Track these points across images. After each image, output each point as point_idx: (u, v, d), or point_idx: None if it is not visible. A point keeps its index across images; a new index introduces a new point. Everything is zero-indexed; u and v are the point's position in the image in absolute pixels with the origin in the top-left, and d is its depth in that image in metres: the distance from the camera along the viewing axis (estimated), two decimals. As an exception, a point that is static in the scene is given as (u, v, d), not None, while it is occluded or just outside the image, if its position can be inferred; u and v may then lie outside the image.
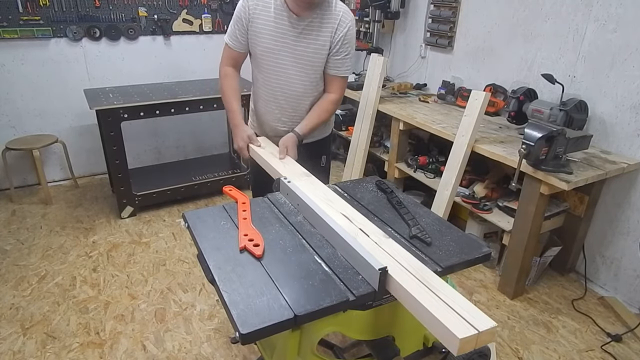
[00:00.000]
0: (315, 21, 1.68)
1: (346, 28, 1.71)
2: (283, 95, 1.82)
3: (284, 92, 1.81)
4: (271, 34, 1.70)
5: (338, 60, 1.76)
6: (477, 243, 1.30)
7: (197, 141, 4.13)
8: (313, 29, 1.69)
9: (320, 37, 1.70)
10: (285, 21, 1.68)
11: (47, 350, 2.01)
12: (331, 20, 1.70)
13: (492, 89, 2.86)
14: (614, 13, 2.25)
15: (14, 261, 2.64)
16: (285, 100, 1.83)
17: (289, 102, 1.83)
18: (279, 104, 1.84)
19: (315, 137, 1.95)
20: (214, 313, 2.26)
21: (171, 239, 2.92)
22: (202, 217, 1.37)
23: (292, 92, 1.80)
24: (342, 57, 1.76)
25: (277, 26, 1.69)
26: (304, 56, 1.73)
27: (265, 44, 1.72)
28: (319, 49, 1.72)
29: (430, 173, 2.99)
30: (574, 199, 2.44)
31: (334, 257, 1.18)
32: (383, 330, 1.22)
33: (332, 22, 1.70)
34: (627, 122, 2.28)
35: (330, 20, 1.69)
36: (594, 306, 2.39)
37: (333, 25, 1.70)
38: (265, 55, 1.75)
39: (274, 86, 1.81)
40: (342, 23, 1.70)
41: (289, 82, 1.78)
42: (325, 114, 1.84)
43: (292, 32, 1.69)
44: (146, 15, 3.53)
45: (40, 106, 3.45)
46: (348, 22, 1.71)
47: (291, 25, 1.68)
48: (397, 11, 3.46)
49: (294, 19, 1.67)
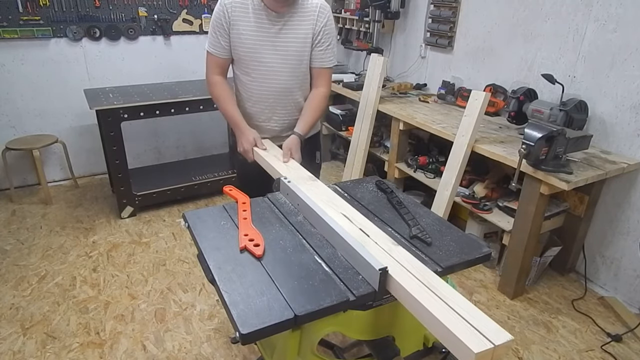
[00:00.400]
0: (294, 16, 1.72)
1: (325, 18, 1.76)
2: (272, 93, 1.83)
3: (272, 90, 1.82)
4: (253, 33, 1.72)
5: (321, 51, 1.79)
6: (477, 243, 1.30)
7: (197, 141, 4.13)
8: (293, 23, 1.73)
9: (300, 30, 1.74)
10: (264, 19, 1.71)
11: (47, 350, 2.01)
12: (309, 13, 1.74)
13: (492, 89, 2.86)
14: (614, 13, 2.25)
15: (14, 261, 2.64)
16: (275, 98, 1.84)
17: (278, 99, 1.84)
18: (268, 102, 1.85)
19: (309, 133, 1.95)
20: (214, 313, 2.26)
21: (171, 239, 2.92)
22: (202, 217, 1.37)
23: (281, 89, 1.82)
24: (324, 48, 1.79)
25: (258, 26, 1.71)
26: (288, 51, 1.76)
27: (249, 44, 1.74)
28: (302, 42, 1.76)
29: (430, 173, 2.99)
30: (574, 199, 2.44)
31: (334, 257, 1.18)
32: (383, 330, 1.22)
33: (310, 14, 1.74)
34: (627, 122, 2.28)
35: (309, 13, 1.74)
36: (594, 306, 2.39)
37: (312, 17, 1.74)
38: (249, 55, 1.76)
39: (262, 85, 1.81)
40: (321, 15, 1.75)
41: (276, 78, 1.80)
42: (319, 110, 1.87)
43: (273, 29, 1.72)
44: (146, 15, 3.53)
45: (40, 106, 3.45)
46: (326, 13, 1.77)
47: (271, 22, 1.71)
48: (397, 11, 3.45)
49: (273, 16, 1.70)
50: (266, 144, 1.83)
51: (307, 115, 1.84)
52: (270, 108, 1.87)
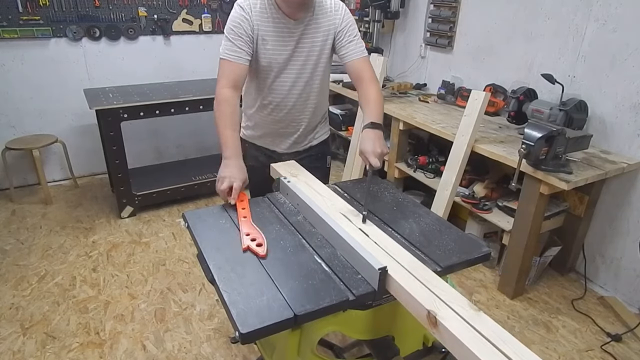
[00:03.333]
0: (312, 21, 1.64)
1: (342, 12, 1.67)
2: (290, 100, 1.71)
3: (290, 97, 1.70)
4: (276, 42, 1.61)
5: (352, 43, 1.65)
6: (477, 243, 1.30)
7: (197, 141, 4.13)
8: (310, 28, 1.65)
9: (319, 33, 1.65)
10: (283, 26, 1.61)
11: (46, 350, 2.01)
12: (325, 14, 1.66)
13: (492, 88, 2.86)
14: (614, 13, 2.25)
15: (14, 261, 2.64)
16: (293, 104, 1.72)
17: (296, 105, 1.73)
18: (285, 112, 1.73)
19: (320, 138, 1.90)
20: (214, 313, 2.26)
21: (171, 238, 2.92)
22: (202, 217, 1.38)
23: (298, 95, 1.70)
24: (353, 40, 1.66)
25: (277, 32, 1.61)
26: (307, 57, 1.67)
27: (271, 53, 1.62)
28: (321, 45, 1.66)
29: (430, 173, 2.99)
30: (574, 199, 2.44)
31: (333, 256, 1.18)
32: (383, 330, 1.22)
33: (326, 16, 1.66)
34: (627, 122, 2.28)
35: (325, 15, 1.66)
36: (594, 306, 2.39)
37: (329, 18, 1.65)
38: (271, 65, 1.64)
39: (280, 92, 1.69)
40: (337, 11, 1.66)
41: (295, 85, 1.69)
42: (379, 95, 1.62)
43: (293, 35, 1.63)
44: (146, 15, 3.53)
45: (40, 106, 3.45)
46: (340, 6, 1.68)
47: (289, 29, 1.62)
48: (397, 11, 3.46)
49: (292, 23, 1.61)
50: (291, 167, 1.64)
51: (372, 106, 1.57)
52: (286, 116, 1.75)
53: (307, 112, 1.77)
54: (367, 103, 1.59)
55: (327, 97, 1.86)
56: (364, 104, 1.60)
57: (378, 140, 1.42)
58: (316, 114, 1.81)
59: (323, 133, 1.93)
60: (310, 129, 1.84)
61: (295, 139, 1.83)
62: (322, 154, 1.93)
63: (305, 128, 1.81)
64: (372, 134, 1.43)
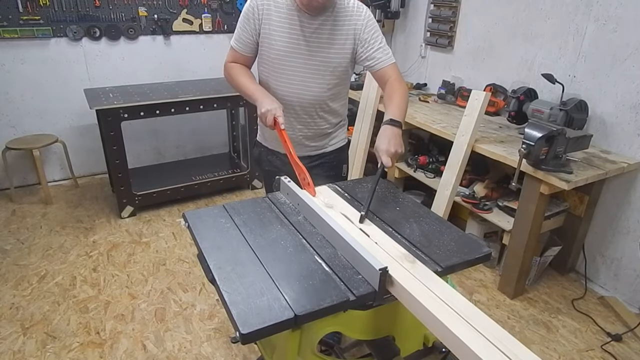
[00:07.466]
0: (329, 18, 1.57)
1: (365, 15, 1.59)
2: (299, 101, 1.67)
3: (300, 97, 1.66)
4: (285, 36, 1.58)
5: (378, 51, 1.59)
6: (477, 243, 1.30)
7: (197, 141, 4.13)
8: (326, 26, 1.58)
9: (336, 33, 1.59)
10: (296, 22, 1.57)
11: (47, 350, 2.01)
12: (346, 14, 1.58)
13: (492, 88, 2.86)
14: (614, 13, 2.25)
15: (14, 261, 2.64)
16: (301, 105, 1.68)
17: (305, 107, 1.69)
18: (294, 110, 1.70)
19: (337, 144, 1.84)
20: (214, 313, 2.26)
21: (171, 238, 2.92)
22: (202, 216, 1.37)
23: (309, 97, 1.66)
24: (379, 47, 1.59)
25: (290, 28, 1.57)
26: (322, 57, 1.61)
27: (279, 46, 1.59)
28: (340, 48, 1.60)
29: (430, 173, 2.99)
30: (574, 199, 2.44)
31: (334, 257, 1.18)
32: (383, 330, 1.22)
33: (347, 16, 1.58)
34: (627, 122, 2.28)
35: (346, 15, 1.58)
36: (594, 306, 2.39)
37: (350, 19, 1.58)
38: (279, 58, 1.61)
39: (289, 91, 1.66)
40: (359, 14, 1.59)
41: (306, 86, 1.64)
42: (405, 94, 1.56)
43: (307, 32, 1.58)
44: (146, 15, 3.53)
45: (40, 106, 3.45)
46: (363, 9, 1.61)
47: (304, 26, 1.57)
48: (397, 11, 3.46)
49: (306, 17, 1.56)
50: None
51: (397, 101, 1.51)
52: (296, 116, 1.71)
53: (318, 116, 1.72)
54: (390, 100, 1.55)
55: (345, 103, 1.80)
56: (387, 101, 1.56)
57: (394, 138, 1.40)
58: (329, 119, 1.76)
59: (339, 140, 1.85)
60: (322, 134, 1.78)
61: (306, 142, 1.77)
62: (337, 161, 1.86)
63: (316, 132, 1.76)
64: (390, 132, 1.41)
